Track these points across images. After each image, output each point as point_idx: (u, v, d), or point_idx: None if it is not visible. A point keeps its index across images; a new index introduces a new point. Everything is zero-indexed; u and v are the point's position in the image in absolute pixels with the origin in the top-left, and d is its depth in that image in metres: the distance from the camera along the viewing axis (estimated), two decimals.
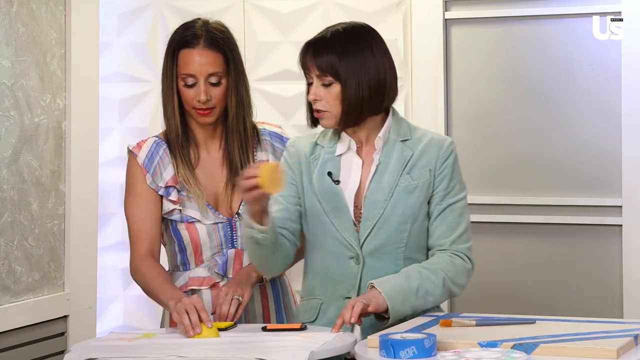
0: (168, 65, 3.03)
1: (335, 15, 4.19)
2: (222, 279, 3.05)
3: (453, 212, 2.88)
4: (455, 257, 2.85)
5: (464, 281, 2.86)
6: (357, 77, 2.83)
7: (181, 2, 4.18)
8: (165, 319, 3.13)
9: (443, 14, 4.13)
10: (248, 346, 2.57)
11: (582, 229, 4.01)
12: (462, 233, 2.87)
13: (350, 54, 2.84)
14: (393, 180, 2.86)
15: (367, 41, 2.88)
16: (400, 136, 2.90)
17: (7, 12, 3.45)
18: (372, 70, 2.84)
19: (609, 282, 3.97)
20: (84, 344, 2.70)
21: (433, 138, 2.92)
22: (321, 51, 2.85)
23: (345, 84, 2.83)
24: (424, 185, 2.86)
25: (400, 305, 2.73)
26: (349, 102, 2.83)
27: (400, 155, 2.88)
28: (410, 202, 2.85)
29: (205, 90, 2.99)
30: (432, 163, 2.88)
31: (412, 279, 2.77)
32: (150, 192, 3.05)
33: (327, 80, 2.85)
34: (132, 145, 3.10)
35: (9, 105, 3.45)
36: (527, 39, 4.06)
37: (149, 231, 3.03)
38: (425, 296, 2.78)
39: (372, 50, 2.87)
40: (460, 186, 2.91)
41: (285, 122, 4.16)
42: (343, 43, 2.85)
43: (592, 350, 2.28)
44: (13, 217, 3.47)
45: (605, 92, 3.97)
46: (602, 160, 3.98)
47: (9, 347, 3.46)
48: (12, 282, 3.47)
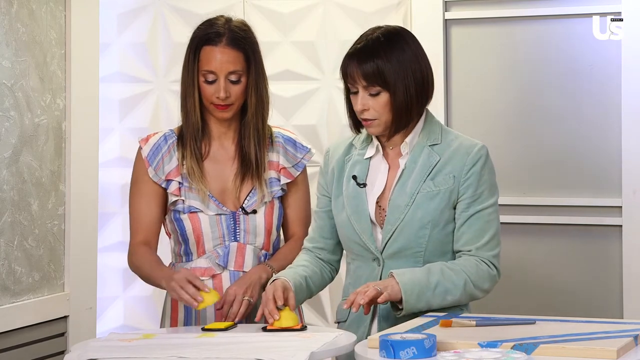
0: (190, 60, 3.08)
1: (335, 15, 4.20)
2: (222, 270, 3.07)
3: (480, 219, 2.87)
4: (482, 262, 2.86)
5: (487, 286, 2.87)
6: (404, 82, 2.84)
7: (181, 2, 4.18)
8: (166, 319, 3.14)
9: (443, 14, 4.13)
10: (248, 346, 2.57)
11: (582, 229, 4.01)
12: (489, 240, 2.87)
13: (395, 60, 2.84)
14: (416, 186, 2.87)
15: (407, 45, 2.89)
16: (429, 141, 2.91)
17: (7, 12, 3.45)
18: (417, 73, 2.86)
19: (609, 282, 3.97)
20: (84, 345, 2.70)
21: (462, 143, 2.91)
22: (366, 60, 2.85)
23: (395, 91, 2.83)
24: (447, 192, 2.86)
25: (415, 299, 2.76)
26: (398, 108, 2.85)
27: (427, 161, 2.89)
28: (431, 208, 2.86)
29: (224, 88, 3.04)
30: (458, 170, 2.87)
31: (433, 275, 2.79)
32: (152, 185, 3.11)
33: (374, 90, 2.85)
34: (142, 137, 3.17)
35: (9, 106, 3.45)
36: (527, 39, 4.06)
37: (146, 223, 3.11)
38: (443, 295, 2.80)
39: (413, 53, 2.88)
40: (489, 192, 2.89)
41: (285, 122, 4.17)
42: (386, 50, 2.85)
43: (592, 351, 2.27)
44: (13, 218, 3.47)
45: (605, 92, 3.97)
46: (602, 160, 3.98)
47: (9, 347, 3.46)
48: (12, 282, 3.48)
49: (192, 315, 3.08)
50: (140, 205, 3.12)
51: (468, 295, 2.85)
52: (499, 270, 2.89)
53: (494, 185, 2.91)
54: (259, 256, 3.10)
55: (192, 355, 2.48)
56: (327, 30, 4.20)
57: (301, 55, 4.21)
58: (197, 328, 2.89)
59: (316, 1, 4.21)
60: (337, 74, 4.20)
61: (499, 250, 2.89)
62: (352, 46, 2.90)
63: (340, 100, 4.21)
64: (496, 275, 2.88)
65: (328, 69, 4.21)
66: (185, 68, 3.08)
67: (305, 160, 3.19)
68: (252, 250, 3.09)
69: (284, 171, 3.15)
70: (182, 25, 4.09)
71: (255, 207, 3.09)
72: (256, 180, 3.10)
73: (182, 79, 3.10)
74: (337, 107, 4.21)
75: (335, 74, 4.21)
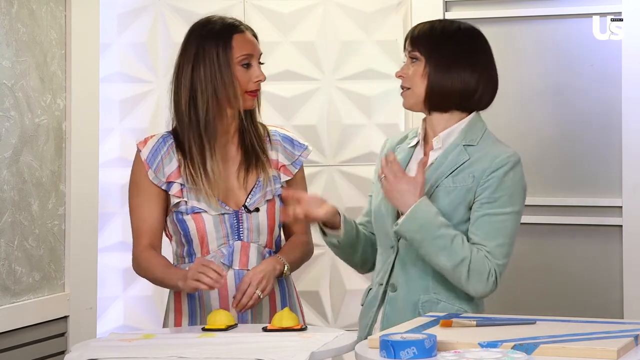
0: (221, 52, 3.08)
1: (335, 15, 4.20)
2: (228, 269, 3.07)
3: (490, 223, 2.86)
4: (490, 264, 2.84)
5: (478, 286, 2.84)
6: (448, 68, 2.90)
7: (181, 2, 4.18)
8: (170, 313, 3.13)
9: (443, 15, 4.14)
10: (248, 346, 2.58)
11: (582, 229, 4.01)
12: (496, 247, 2.85)
13: (449, 45, 2.93)
14: (437, 180, 2.90)
15: (472, 45, 2.97)
16: (465, 140, 2.94)
17: (7, 12, 3.45)
18: (466, 71, 2.92)
19: (609, 282, 3.97)
20: (84, 345, 2.70)
21: (495, 149, 2.94)
22: (423, 31, 2.95)
23: (435, 66, 2.90)
24: (463, 189, 2.88)
25: (417, 227, 2.81)
26: (433, 84, 2.91)
27: (456, 159, 2.91)
28: (444, 203, 2.88)
29: (261, 70, 3.12)
30: (480, 171, 2.89)
31: (447, 228, 2.82)
32: (152, 187, 3.10)
33: (414, 55, 2.94)
34: (140, 140, 3.16)
35: (9, 106, 3.45)
36: (527, 39, 4.06)
37: (150, 227, 3.10)
38: (438, 249, 2.81)
39: (471, 54, 2.95)
40: (508, 200, 2.87)
41: (285, 122, 4.17)
42: (446, 33, 2.95)
43: (592, 351, 2.28)
44: (13, 218, 3.47)
45: (605, 92, 3.97)
46: (602, 160, 3.98)
47: (10, 347, 3.46)
48: (13, 282, 3.48)
49: (197, 305, 3.08)
50: (142, 209, 3.11)
51: (458, 277, 2.82)
52: (497, 281, 2.85)
53: (516, 196, 2.90)
54: (263, 254, 3.11)
55: (192, 355, 2.48)
56: (327, 30, 4.20)
57: (301, 55, 4.21)
58: (197, 328, 2.89)
59: (316, 1, 4.21)
60: (337, 74, 4.24)
61: (505, 262, 2.86)
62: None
63: (340, 101, 4.23)
64: (492, 285, 2.84)
65: (328, 69, 4.22)
66: (216, 64, 3.07)
67: (303, 158, 3.20)
68: (256, 249, 3.10)
69: (284, 169, 3.16)
70: (182, 25, 4.08)
71: (257, 205, 3.10)
72: (261, 170, 3.11)
73: (216, 75, 3.08)
74: (337, 107, 4.21)
75: (335, 74, 4.23)
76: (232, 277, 3.07)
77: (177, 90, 3.10)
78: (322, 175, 4.18)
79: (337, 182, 4.19)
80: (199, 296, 3.07)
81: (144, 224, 3.10)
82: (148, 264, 3.08)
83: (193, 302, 3.09)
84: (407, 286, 2.92)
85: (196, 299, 3.08)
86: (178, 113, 3.11)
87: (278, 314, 2.81)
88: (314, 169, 4.17)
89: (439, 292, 2.90)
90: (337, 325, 4.12)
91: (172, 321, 3.12)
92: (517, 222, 2.90)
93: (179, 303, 3.12)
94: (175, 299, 3.13)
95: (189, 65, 3.09)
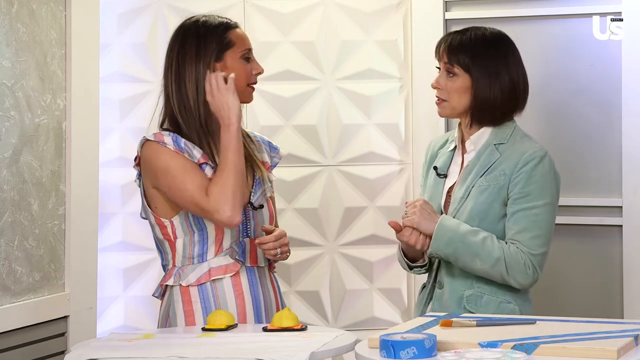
0: (223, 47, 3.10)
1: (335, 15, 4.20)
2: (242, 265, 3.07)
3: (525, 217, 3.01)
4: (521, 254, 2.99)
5: (520, 279, 2.99)
6: (489, 78, 3.03)
7: (181, 2, 4.18)
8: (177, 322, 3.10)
9: (443, 14, 4.13)
10: (248, 346, 2.58)
11: (582, 229, 4.01)
12: (531, 239, 3.00)
13: (485, 55, 3.04)
14: (472, 180, 3.05)
15: (504, 49, 3.09)
16: (496, 140, 3.08)
17: (7, 12, 3.45)
18: (505, 76, 3.05)
19: (609, 282, 3.97)
20: (84, 345, 2.70)
21: (523, 145, 3.07)
22: (458, 42, 3.04)
23: (478, 81, 3.02)
24: (496, 187, 3.02)
25: (444, 243, 2.98)
26: (479, 99, 3.03)
27: (487, 158, 3.06)
28: (480, 201, 3.02)
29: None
30: (510, 168, 3.03)
31: (475, 234, 2.98)
32: (191, 162, 3.02)
33: (453, 71, 3.03)
34: (151, 137, 3.05)
35: (9, 106, 3.45)
36: (527, 39, 4.06)
37: (206, 181, 3.00)
38: (472, 256, 2.98)
39: (507, 58, 3.08)
40: (539, 193, 3.02)
41: (286, 122, 4.16)
42: (480, 43, 3.05)
43: (592, 351, 2.28)
44: (13, 218, 3.47)
45: (605, 91, 3.96)
46: (602, 160, 3.98)
47: (10, 347, 3.46)
48: (13, 282, 3.48)
49: (212, 304, 3.04)
50: (190, 174, 2.98)
51: (499, 274, 2.98)
52: (536, 270, 3.00)
53: (547, 188, 3.04)
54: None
55: (192, 355, 2.48)
56: (327, 30, 4.20)
57: (301, 55, 4.20)
58: (197, 328, 2.89)
59: (316, 1, 4.21)
60: (337, 74, 4.23)
61: (542, 251, 3.01)
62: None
63: (340, 100, 4.22)
64: (532, 274, 2.99)
65: (328, 69, 4.21)
66: (219, 58, 3.08)
67: (277, 159, 3.25)
68: None
69: (269, 168, 3.21)
70: None
71: (261, 202, 3.12)
72: (257, 168, 3.14)
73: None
74: (337, 107, 4.21)
75: (335, 74, 4.23)
76: (245, 274, 3.07)
77: (179, 89, 3.07)
78: (322, 175, 4.18)
79: (337, 182, 4.19)
80: (213, 295, 3.04)
81: (204, 180, 2.98)
82: (219, 186, 2.95)
83: (207, 302, 3.05)
84: (452, 283, 3.08)
85: (211, 299, 3.04)
86: (185, 111, 3.07)
87: (278, 314, 2.82)
88: (314, 169, 4.16)
89: (481, 286, 3.04)
90: (337, 325, 4.12)
91: (182, 323, 3.05)
92: (552, 213, 3.06)
93: (189, 305, 3.07)
94: (184, 299, 3.08)
95: (192, 62, 3.07)
